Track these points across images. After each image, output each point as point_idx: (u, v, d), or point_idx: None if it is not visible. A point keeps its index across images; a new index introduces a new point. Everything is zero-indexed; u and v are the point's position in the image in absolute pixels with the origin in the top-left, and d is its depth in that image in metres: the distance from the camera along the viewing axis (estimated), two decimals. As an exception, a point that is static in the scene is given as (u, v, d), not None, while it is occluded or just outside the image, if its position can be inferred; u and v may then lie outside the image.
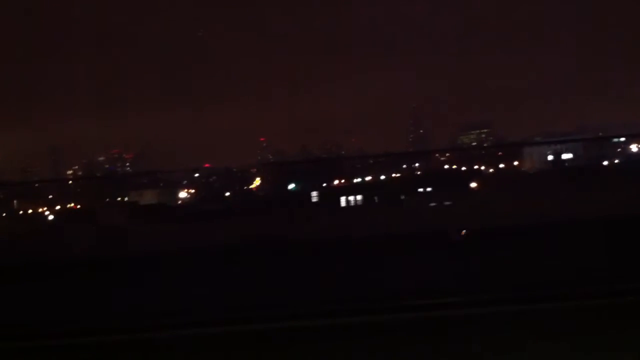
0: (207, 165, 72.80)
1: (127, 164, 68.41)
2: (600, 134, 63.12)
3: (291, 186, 48.10)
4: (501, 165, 61.04)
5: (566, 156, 61.60)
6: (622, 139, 51.26)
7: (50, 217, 40.44)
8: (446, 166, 64.45)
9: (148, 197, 56.25)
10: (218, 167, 71.19)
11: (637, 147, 47.86)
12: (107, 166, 67.25)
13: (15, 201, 46.08)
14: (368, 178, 51.58)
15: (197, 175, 62.93)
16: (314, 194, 39.98)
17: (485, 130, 63.00)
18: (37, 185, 55.23)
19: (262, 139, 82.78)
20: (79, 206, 48.45)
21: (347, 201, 42.64)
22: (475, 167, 60.53)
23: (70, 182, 62.04)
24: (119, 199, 57.34)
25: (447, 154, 67.02)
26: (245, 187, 56.03)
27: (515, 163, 61.51)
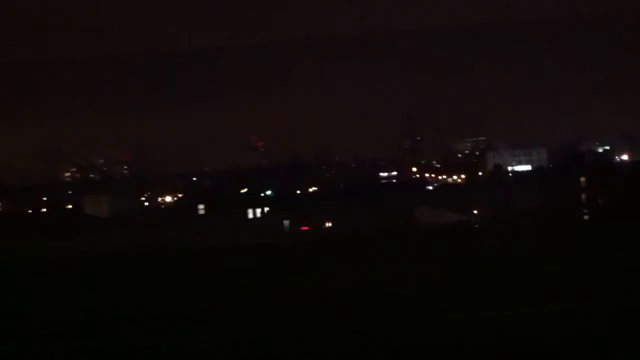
0: (206, 169, 72.07)
1: (125, 166, 68.80)
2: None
3: (268, 192, 48.68)
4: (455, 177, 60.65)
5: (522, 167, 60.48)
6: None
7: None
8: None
9: (101, 203, 56.05)
10: (219, 169, 70.43)
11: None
12: (105, 168, 67.65)
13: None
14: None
15: (194, 178, 62.74)
16: (201, 206, 43.46)
17: (482, 139, 63.15)
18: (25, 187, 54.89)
19: (260, 144, 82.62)
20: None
21: (254, 213, 44.63)
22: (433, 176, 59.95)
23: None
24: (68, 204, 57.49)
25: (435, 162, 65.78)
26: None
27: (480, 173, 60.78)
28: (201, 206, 44.97)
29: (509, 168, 61.42)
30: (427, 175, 61.54)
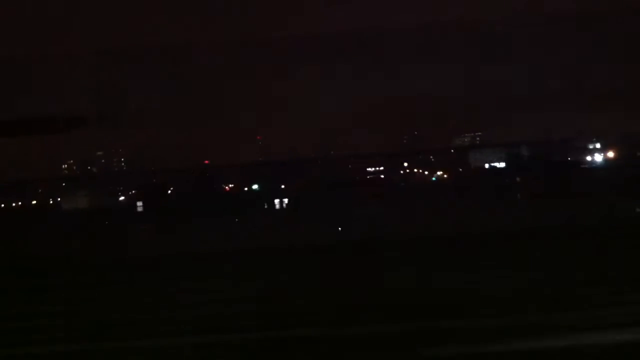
0: (206, 162, 72.13)
1: (123, 159, 68.44)
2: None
3: (255, 187, 48.04)
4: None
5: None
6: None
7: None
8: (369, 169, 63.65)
9: (79, 201, 55.04)
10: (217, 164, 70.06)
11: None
12: (103, 161, 67.39)
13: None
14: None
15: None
16: (139, 203, 40.63)
17: (479, 134, 63.23)
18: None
19: (258, 137, 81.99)
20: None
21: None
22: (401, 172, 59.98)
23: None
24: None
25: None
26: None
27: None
28: (139, 203, 43.10)
29: (486, 165, 61.75)
30: (417, 171, 61.74)
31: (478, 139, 66.76)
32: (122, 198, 51.76)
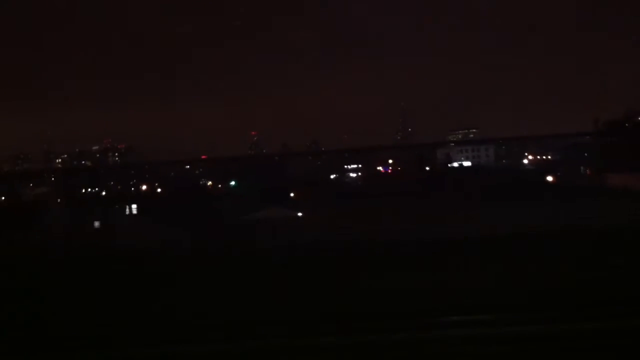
0: (203, 157, 72.51)
1: (117, 154, 68.46)
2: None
3: (232, 183, 46.92)
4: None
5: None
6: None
7: None
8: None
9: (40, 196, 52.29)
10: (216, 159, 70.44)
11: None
12: (98, 155, 67.60)
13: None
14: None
15: (188, 167, 62.11)
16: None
17: (474, 130, 63.47)
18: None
19: (253, 133, 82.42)
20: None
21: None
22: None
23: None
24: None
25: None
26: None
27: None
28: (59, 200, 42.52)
29: (455, 164, 62.03)
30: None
31: (472, 135, 67.50)
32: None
